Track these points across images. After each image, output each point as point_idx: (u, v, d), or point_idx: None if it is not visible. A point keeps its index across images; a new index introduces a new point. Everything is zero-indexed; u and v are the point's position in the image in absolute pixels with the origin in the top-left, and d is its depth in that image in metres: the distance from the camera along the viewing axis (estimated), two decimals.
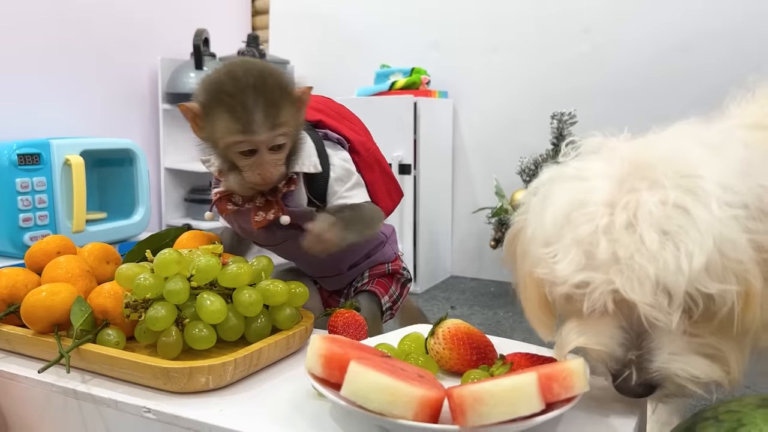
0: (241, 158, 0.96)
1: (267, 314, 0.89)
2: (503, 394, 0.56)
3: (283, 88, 0.96)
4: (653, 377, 0.65)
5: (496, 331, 1.93)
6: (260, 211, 1.03)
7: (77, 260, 0.98)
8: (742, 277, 0.63)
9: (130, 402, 0.76)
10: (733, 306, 0.62)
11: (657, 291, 0.62)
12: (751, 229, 0.63)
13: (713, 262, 0.61)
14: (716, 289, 0.61)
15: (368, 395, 0.60)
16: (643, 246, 0.63)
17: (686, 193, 0.64)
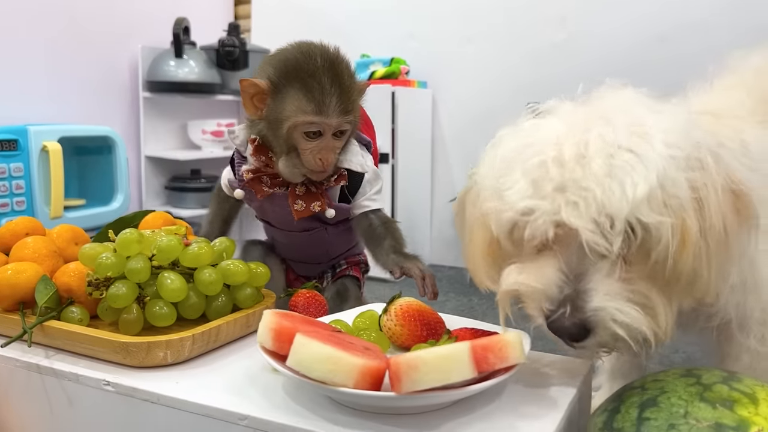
0: (304, 140, 0.95)
1: (227, 293, 0.91)
2: (436, 362, 0.59)
3: (353, 77, 0.97)
4: (587, 317, 0.66)
5: (469, 316, 1.95)
6: (300, 200, 1.01)
7: (44, 241, 1.00)
8: (680, 214, 0.65)
9: (90, 375, 0.79)
10: (668, 245, 0.64)
11: (600, 216, 0.64)
12: (688, 174, 0.66)
13: (654, 195, 0.64)
14: (654, 220, 0.63)
15: (311, 365, 0.62)
16: (590, 174, 0.65)
17: (634, 135, 0.67)
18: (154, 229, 0.95)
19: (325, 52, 0.94)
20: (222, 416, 0.70)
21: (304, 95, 0.92)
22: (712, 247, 0.66)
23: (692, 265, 0.66)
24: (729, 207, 0.68)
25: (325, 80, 0.92)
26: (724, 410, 0.58)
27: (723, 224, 0.67)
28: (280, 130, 0.95)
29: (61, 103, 2.42)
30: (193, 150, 2.81)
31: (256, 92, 0.96)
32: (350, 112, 0.95)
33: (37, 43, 2.34)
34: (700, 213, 0.66)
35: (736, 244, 0.68)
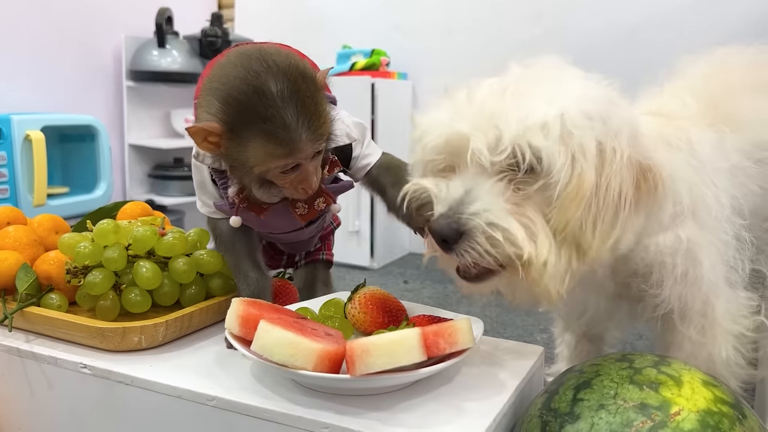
0: (280, 177, 0.83)
1: (201, 282, 0.95)
2: (386, 346, 0.64)
3: (315, 85, 0.82)
4: (463, 219, 0.72)
5: (444, 304, 2.02)
6: (300, 203, 0.91)
7: (25, 230, 1.04)
8: (578, 158, 0.70)
9: (68, 359, 0.83)
10: (558, 180, 0.70)
11: (490, 129, 0.71)
12: (597, 131, 0.71)
13: (551, 126, 0.70)
14: (546, 148, 0.69)
15: (273, 349, 0.67)
16: (498, 104, 0.73)
17: (552, 81, 0.75)
18: (132, 220, 0.99)
19: (276, 73, 0.79)
20: (192, 397, 0.75)
21: (269, 141, 0.78)
22: (602, 208, 0.71)
23: (579, 218, 0.70)
24: (632, 176, 0.72)
25: (289, 115, 0.78)
26: (649, 392, 0.63)
27: (620, 189, 0.71)
28: (246, 173, 0.83)
29: (45, 92, 2.44)
30: (177, 138, 2.84)
31: (209, 135, 0.80)
32: (324, 132, 0.83)
33: (20, 33, 2.35)
34: (601, 169, 0.71)
35: (630, 216, 0.73)
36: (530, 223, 0.72)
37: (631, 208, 0.72)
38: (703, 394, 0.63)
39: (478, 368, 0.81)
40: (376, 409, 0.69)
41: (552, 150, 0.70)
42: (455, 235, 0.72)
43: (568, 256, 0.73)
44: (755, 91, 1.01)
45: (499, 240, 0.71)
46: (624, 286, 0.89)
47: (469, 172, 0.74)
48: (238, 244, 0.95)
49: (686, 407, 0.61)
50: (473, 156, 0.72)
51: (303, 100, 0.79)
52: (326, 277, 1.14)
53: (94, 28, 2.62)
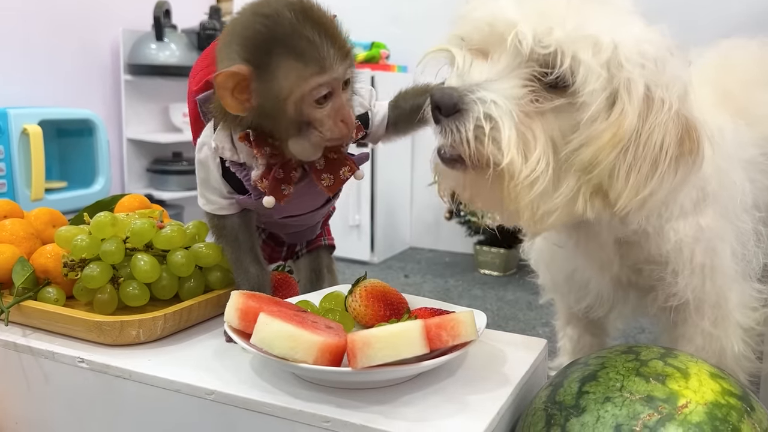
0: (315, 109, 0.79)
1: (199, 275, 0.94)
2: (388, 339, 0.63)
3: (327, 13, 0.80)
4: (464, 96, 0.69)
5: (445, 298, 2.01)
6: (325, 174, 0.87)
7: (22, 223, 1.03)
8: (621, 93, 0.67)
9: (65, 353, 0.82)
10: (584, 102, 0.67)
11: (540, 23, 0.68)
12: (650, 73, 0.68)
13: (602, 46, 0.67)
14: (587, 63, 0.66)
15: (272, 342, 0.66)
16: (560, 4, 0.70)
17: (616, 12, 0.73)
18: (130, 213, 0.98)
19: (287, 3, 0.77)
20: (190, 391, 0.73)
21: (298, 60, 0.76)
22: (640, 156, 0.68)
23: (612, 161, 0.67)
24: (677, 131, 0.69)
25: (310, 32, 0.76)
26: (656, 384, 0.62)
27: (662, 141, 0.68)
28: (281, 111, 0.79)
29: (42, 86, 2.42)
30: (175, 132, 2.82)
31: (237, 83, 0.78)
32: (349, 52, 0.80)
33: (17, 26, 2.34)
34: (646, 116, 0.68)
35: (668, 172, 0.69)
36: (531, 138, 0.69)
37: (671, 164, 0.69)
38: (710, 386, 0.62)
39: (481, 361, 0.80)
40: (378, 402, 0.68)
41: (593, 69, 0.66)
42: (449, 109, 0.69)
43: (577, 191, 0.69)
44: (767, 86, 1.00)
45: (485, 136, 0.68)
46: (635, 272, 0.87)
47: (500, 63, 0.71)
48: (240, 238, 0.93)
49: (694, 400, 0.60)
50: (514, 39, 0.68)
51: (321, 20, 0.77)
52: (330, 263, 1.12)
53: (92, 22, 2.60)
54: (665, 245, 0.82)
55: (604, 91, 0.67)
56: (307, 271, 1.08)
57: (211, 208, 0.93)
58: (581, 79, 0.67)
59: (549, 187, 0.69)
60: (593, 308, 1.00)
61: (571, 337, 1.17)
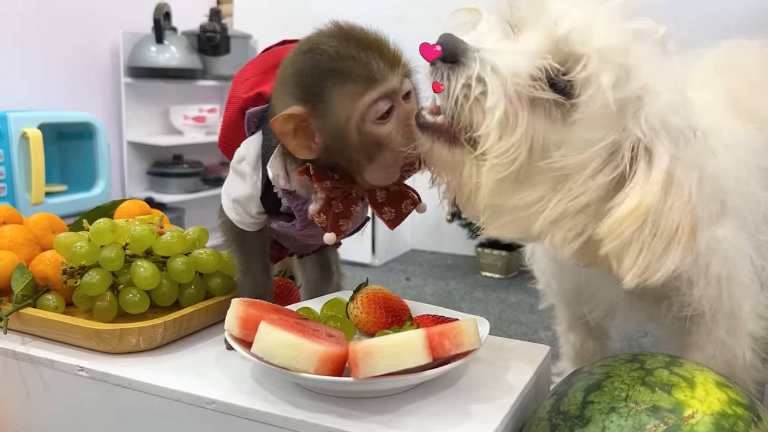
0: (381, 128, 0.75)
1: (200, 281, 0.94)
2: (390, 348, 0.62)
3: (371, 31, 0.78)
4: (467, 47, 0.67)
5: (446, 301, 2.00)
6: (386, 207, 0.83)
7: (21, 230, 1.02)
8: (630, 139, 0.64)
9: (65, 361, 0.81)
10: (583, 120, 0.64)
11: (572, 22, 0.66)
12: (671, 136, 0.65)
13: (621, 76, 0.64)
14: (598, 80, 0.63)
15: (274, 351, 0.65)
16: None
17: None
18: (129, 219, 0.97)
19: (328, 33, 0.76)
20: (191, 400, 0.73)
21: (347, 82, 0.73)
22: (655, 233, 0.64)
23: (627, 235, 0.64)
24: (691, 218, 0.66)
25: (354, 51, 0.73)
26: (662, 394, 0.61)
27: (678, 223, 0.64)
28: (348, 141, 0.76)
29: (42, 89, 2.42)
30: (175, 135, 2.82)
31: (297, 125, 0.75)
32: (402, 62, 0.77)
33: (17, 29, 2.33)
34: (666, 191, 0.64)
35: (676, 257, 0.65)
36: (513, 122, 0.65)
37: (684, 247, 0.65)
38: (717, 395, 0.62)
39: (484, 369, 0.79)
40: (380, 412, 0.68)
41: (605, 96, 0.63)
42: (449, 55, 0.66)
43: (579, 232, 0.67)
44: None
45: (469, 98, 0.65)
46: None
47: (521, 41, 0.68)
48: (255, 246, 0.91)
49: (700, 410, 0.60)
50: (550, 23, 0.66)
51: (363, 37, 0.75)
52: (337, 258, 1.09)
53: (92, 24, 2.60)
54: None
55: (606, 131, 0.64)
56: (315, 266, 1.06)
57: (235, 219, 0.89)
58: (587, 98, 0.64)
59: (512, 184, 0.67)
60: (604, 318, 0.97)
61: (573, 343, 1.16)
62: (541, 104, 0.67)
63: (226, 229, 0.92)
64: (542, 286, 1.10)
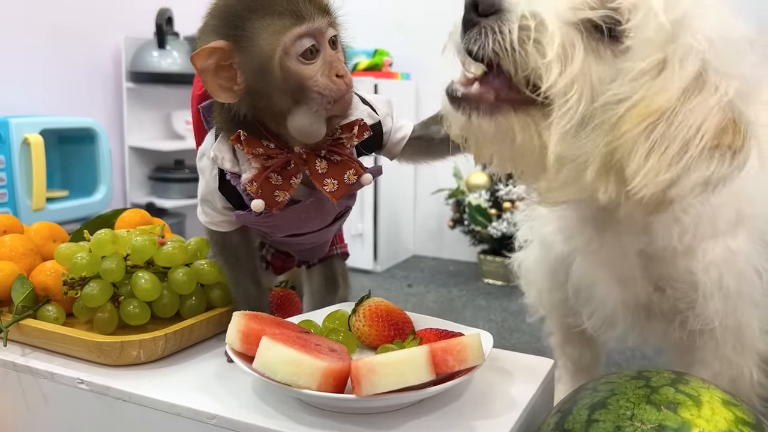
0: (305, 68, 0.74)
1: (201, 292, 0.93)
2: (393, 365, 0.61)
3: None
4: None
5: (449, 309, 2.00)
6: (328, 178, 0.81)
7: (22, 239, 1.01)
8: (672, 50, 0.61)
9: (65, 374, 0.81)
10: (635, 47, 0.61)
11: None
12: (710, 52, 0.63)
13: (673, 10, 0.61)
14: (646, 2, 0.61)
15: (275, 367, 0.65)
16: None
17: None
18: (130, 229, 0.97)
19: None
20: (192, 415, 0.72)
21: (272, 16, 0.73)
22: (668, 135, 0.61)
23: (636, 135, 0.61)
24: (721, 120, 0.62)
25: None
26: (668, 412, 0.60)
27: (700, 124, 0.61)
28: (270, 80, 0.75)
29: (44, 93, 2.41)
30: (177, 140, 2.81)
31: (219, 59, 0.74)
32: (330, 10, 0.77)
33: (18, 34, 2.33)
34: (689, 94, 0.62)
35: (697, 160, 0.62)
36: (571, 53, 0.62)
37: (703, 153, 0.62)
38: (723, 414, 0.61)
39: (487, 383, 0.78)
40: (383, 427, 0.67)
41: (656, 17, 0.60)
42: (488, 7, 0.63)
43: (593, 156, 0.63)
44: None
45: (530, 35, 0.61)
46: (657, 291, 0.83)
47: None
48: (241, 257, 0.91)
49: (707, 429, 0.59)
50: None
51: None
52: (344, 270, 1.08)
53: (93, 29, 2.59)
54: (695, 264, 0.78)
55: (659, 51, 0.61)
56: (320, 278, 1.04)
57: (204, 220, 0.90)
58: (638, 23, 0.61)
59: (576, 124, 0.63)
60: (603, 328, 0.95)
61: (571, 356, 1.14)
62: (589, 39, 0.64)
63: (212, 242, 0.92)
64: (531, 300, 1.09)
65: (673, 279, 0.81)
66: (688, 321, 0.84)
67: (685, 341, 0.86)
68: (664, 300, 0.83)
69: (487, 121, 0.67)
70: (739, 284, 0.80)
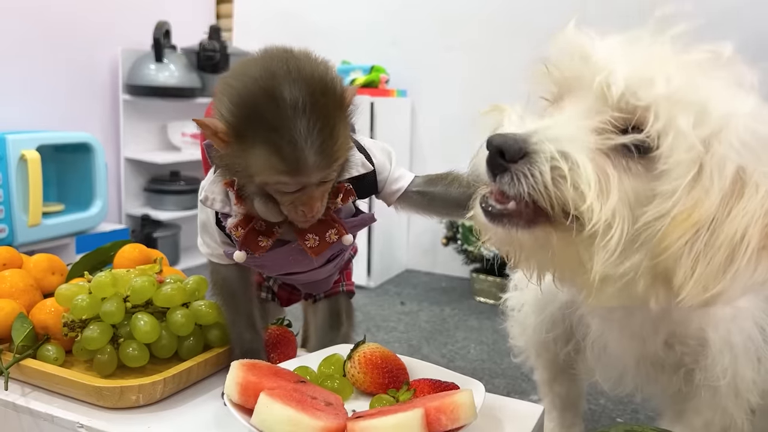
0: (281, 194, 0.78)
1: (199, 332, 0.95)
2: (388, 430, 0.63)
3: (336, 101, 0.76)
4: (529, 139, 0.63)
5: (441, 329, 2.02)
6: (310, 234, 0.85)
7: (21, 274, 1.03)
8: (703, 168, 0.61)
9: (65, 417, 0.82)
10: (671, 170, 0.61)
11: (638, 73, 0.63)
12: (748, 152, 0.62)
13: (710, 119, 0.61)
14: (681, 130, 0.60)
15: (273, 426, 0.66)
16: (666, 57, 0.65)
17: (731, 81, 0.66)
18: (129, 269, 0.98)
19: (295, 79, 0.72)
20: None
21: (272, 154, 0.73)
22: (712, 245, 0.61)
23: (681, 247, 0.61)
24: (764, 221, 0.61)
25: (299, 131, 0.71)
26: None
27: (744, 231, 0.60)
28: (249, 181, 0.79)
29: (40, 105, 2.42)
30: (173, 152, 2.82)
31: (213, 134, 0.76)
32: (336, 159, 0.77)
33: (15, 47, 2.33)
34: (730, 198, 0.61)
35: (747, 267, 0.61)
36: (605, 182, 0.62)
37: (752, 259, 0.61)
38: None
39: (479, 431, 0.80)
40: None
41: (688, 140, 0.60)
42: (516, 153, 0.62)
43: (640, 271, 0.63)
44: None
45: (564, 178, 0.60)
46: (666, 348, 0.83)
47: (576, 106, 0.66)
48: (238, 297, 0.93)
49: None
50: (603, 82, 0.63)
51: (319, 115, 0.73)
52: (348, 308, 1.10)
53: (90, 41, 2.60)
54: (706, 321, 0.79)
55: (694, 166, 0.61)
56: (325, 314, 1.07)
57: (205, 251, 0.93)
58: (669, 147, 0.61)
59: (620, 247, 0.62)
60: (613, 383, 0.95)
61: (559, 393, 1.15)
62: (619, 159, 0.64)
63: (212, 281, 0.95)
64: (520, 342, 1.10)
65: (683, 336, 0.82)
66: (693, 374, 0.84)
67: (682, 391, 0.87)
68: (671, 355, 0.83)
69: (527, 235, 0.67)
70: (743, 340, 0.82)
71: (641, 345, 0.85)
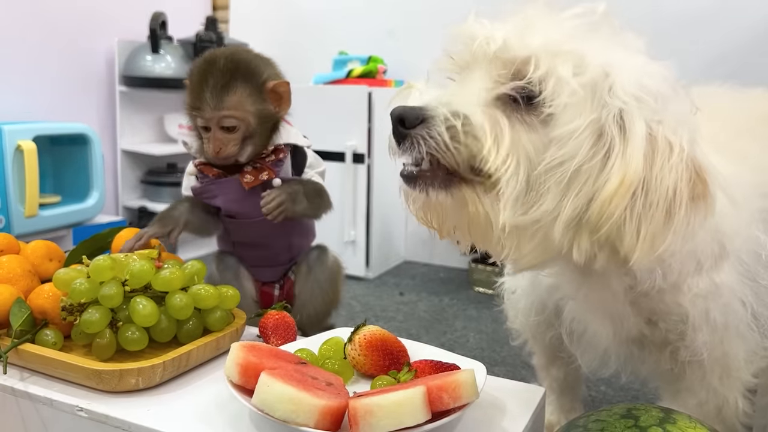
0: (201, 131, 1.14)
1: (198, 316, 0.94)
2: (390, 407, 0.63)
3: (251, 78, 1.12)
4: (428, 105, 0.68)
5: (440, 319, 2.01)
6: (248, 174, 1.16)
7: (19, 260, 1.02)
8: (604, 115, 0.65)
9: (64, 401, 0.82)
10: (556, 113, 0.65)
11: (520, 37, 0.69)
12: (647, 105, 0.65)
13: (591, 69, 0.65)
14: (553, 71, 0.65)
15: (274, 405, 0.66)
16: (549, 22, 0.70)
17: (615, 42, 0.71)
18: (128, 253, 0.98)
19: (227, 53, 1.13)
20: None
21: (189, 92, 1.13)
22: (650, 204, 0.64)
23: (620, 215, 0.63)
24: (687, 174, 0.65)
25: (204, 79, 1.10)
26: None
27: (675, 186, 0.64)
28: (190, 118, 1.17)
29: (37, 97, 2.41)
30: (170, 144, 2.81)
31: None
32: (228, 108, 1.10)
33: (11, 39, 2.32)
34: (650, 157, 0.64)
35: (684, 219, 0.65)
36: (499, 132, 0.67)
37: (687, 210, 0.65)
38: None
39: (479, 415, 0.80)
40: None
41: (566, 82, 0.64)
42: (414, 120, 0.68)
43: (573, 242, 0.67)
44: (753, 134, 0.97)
45: (458, 131, 0.66)
46: (649, 325, 0.84)
47: (469, 77, 0.71)
48: (193, 200, 1.20)
49: None
50: (482, 44, 0.69)
51: (228, 76, 1.10)
52: (321, 254, 1.32)
53: (87, 33, 2.59)
54: (682, 298, 0.80)
55: (584, 116, 0.65)
56: (304, 270, 1.30)
57: (184, 186, 1.26)
58: (551, 92, 0.66)
59: (525, 198, 0.67)
60: (596, 366, 0.96)
61: (556, 377, 1.15)
62: (510, 111, 0.69)
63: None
64: (516, 325, 1.10)
65: (663, 312, 0.82)
66: (678, 352, 0.85)
67: (674, 371, 0.88)
68: (656, 333, 0.84)
69: (443, 195, 0.72)
70: (726, 317, 0.82)
71: (619, 326, 0.86)
